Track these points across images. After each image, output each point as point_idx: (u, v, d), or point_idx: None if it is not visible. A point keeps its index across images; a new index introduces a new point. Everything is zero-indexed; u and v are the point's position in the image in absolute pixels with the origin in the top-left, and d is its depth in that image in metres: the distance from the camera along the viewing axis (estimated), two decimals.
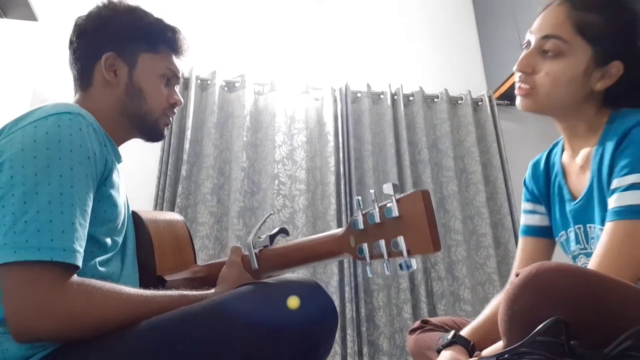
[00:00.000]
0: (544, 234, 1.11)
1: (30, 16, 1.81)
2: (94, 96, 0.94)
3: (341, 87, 2.49)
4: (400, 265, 0.71)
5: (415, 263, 0.71)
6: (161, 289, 0.80)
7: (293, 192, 2.26)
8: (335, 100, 2.47)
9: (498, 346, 0.94)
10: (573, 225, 0.98)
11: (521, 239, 1.15)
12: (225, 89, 2.42)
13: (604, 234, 0.83)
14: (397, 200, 0.72)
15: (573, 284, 0.65)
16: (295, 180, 2.28)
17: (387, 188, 0.72)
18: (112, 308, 0.71)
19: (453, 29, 2.89)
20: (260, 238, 0.93)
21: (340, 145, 2.37)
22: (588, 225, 0.95)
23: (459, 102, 2.63)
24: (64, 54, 1.03)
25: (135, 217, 0.99)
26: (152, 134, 0.99)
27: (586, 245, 0.97)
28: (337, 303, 2.06)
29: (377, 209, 0.75)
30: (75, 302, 0.68)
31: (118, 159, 0.91)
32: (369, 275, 0.79)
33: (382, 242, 0.73)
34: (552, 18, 0.94)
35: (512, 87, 2.51)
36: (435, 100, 2.61)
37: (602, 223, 0.87)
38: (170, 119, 1.01)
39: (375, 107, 2.53)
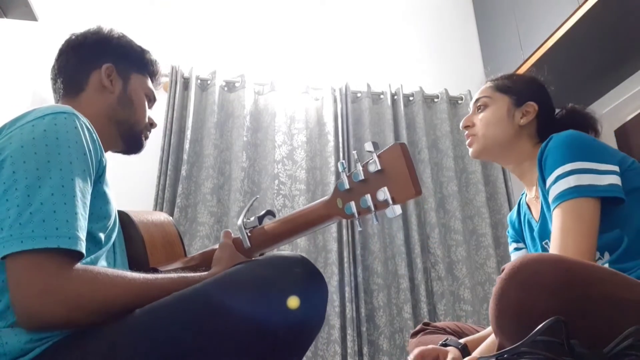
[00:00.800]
0: None
1: (30, 16, 1.81)
2: (84, 101, 0.99)
3: (341, 87, 2.49)
4: (387, 214, 0.75)
5: (399, 209, 0.75)
6: None
7: (293, 192, 2.26)
8: (335, 100, 2.47)
9: (489, 342, 0.96)
10: (540, 243, 1.13)
11: None
12: (225, 89, 2.42)
13: (553, 222, 0.96)
14: (378, 156, 0.77)
15: (557, 272, 0.67)
16: (295, 180, 2.28)
17: (368, 146, 0.78)
18: (116, 290, 0.73)
19: (453, 29, 2.89)
20: (249, 219, 0.97)
21: (340, 145, 2.37)
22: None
23: (459, 102, 2.63)
24: None
25: (123, 216, 1.01)
26: (134, 144, 1.07)
27: None
28: (337, 303, 2.06)
29: (360, 167, 0.80)
30: (82, 286, 0.70)
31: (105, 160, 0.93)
32: (359, 228, 0.84)
33: (368, 197, 0.78)
34: (480, 90, 1.25)
35: None
36: (435, 100, 2.61)
37: None
38: (148, 135, 1.10)
39: (375, 107, 2.53)
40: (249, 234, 0.94)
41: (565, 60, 2.17)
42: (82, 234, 0.72)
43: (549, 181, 0.99)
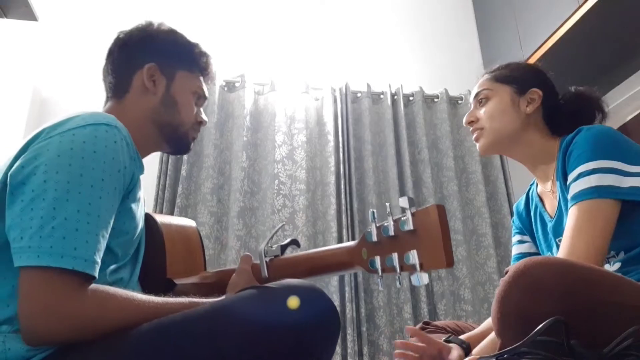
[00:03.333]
0: None
1: (30, 16, 1.81)
2: (129, 104, 0.97)
3: (341, 87, 2.49)
4: (412, 280, 0.71)
5: (427, 278, 0.70)
6: (171, 294, 0.80)
7: (293, 192, 2.26)
8: (335, 100, 2.46)
9: (488, 341, 0.95)
10: (554, 240, 1.09)
11: None
12: (225, 89, 2.42)
13: (567, 220, 0.94)
14: (413, 214, 0.71)
15: (562, 277, 0.66)
16: (295, 180, 2.28)
17: (403, 201, 0.72)
18: (125, 315, 0.72)
19: (453, 29, 2.89)
20: (272, 247, 0.93)
21: (340, 145, 2.37)
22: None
23: (459, 102, 2.63)
24: (64, 54, 1.05)
25: (149, 219, 1.00)
26: (180, 146, 1.03)
27: None
28: (337, 303, 2.06)
29: (391, 222, 0.74)
30: (90, 309, 0.69)
31: (142, 170, 0.92)
32: (380, 288, 0.81)
33: (395, 255, 0.73)
34: (479, 83, 1.22)
35: None
36: (435, 100, 2.61)
37: None
38: (197, 134, 1.06)
39: (375, 107, 2.53)
40: (268, 263, 0.91)
41: (566, 60, 2.17)
42: (99, 257, 0.72)
43: (571, 177, 0.96)
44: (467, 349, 1.05)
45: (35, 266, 0.66)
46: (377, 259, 0.76)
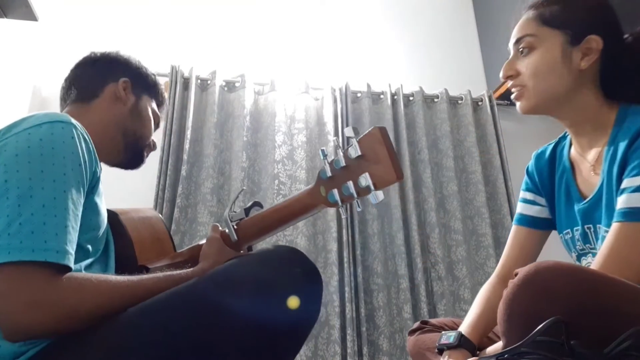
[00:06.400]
0: (540, 226, 1.10)
1: (30, 16, 1.81)
2: (96, 108, 1.02)
3: (341, 87, 2.49)
4: (371, 199, 0.75)
5: (382, 194, 0.74)
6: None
7: (293, 192, 2.26)
8: (335, 100, 2.47)
9: (498, 346, 0.94)
10: (581, 225, 0.97)
11: (514, 228, 1.13)
12: (225, 89, 2.42)
13: (609, 235, 0.82)
14: (358, 141, 0.76)
15: (572, 283, 0.65)
16: (295, 180, 2.28)
17: (348, 131, 0.77)
18: (103, 296, 0.73)
19: (453, 29, 2.89)
20: (235, 212, 0.97)
21: (341, 145, 2.37)
22: (597, 225, 0.93)
23: (459, 102, 2.63)
24: (64, 54, 1.05)
25: (110, 214, 1.01)
26: (136, 157, 1.09)
27: (595, 245, 0.96)
28: (336, 303, 2.06)
29: (341, 154, 0.79)
30: (69, 296, 0.70)
31: (101, 169, 0.93)
32: (343, 216, 0.84)
33: (350, 183, 0.77)
34: (520, 25, 0.99)
35: None
36: (435, 100, 2.61)
37: (609, 224, 0.85)
38: (147, 154, 1.13)
39: (375, 107, 2.53)
40: (235, 227, 0.94)
41: None
42: (71, 247, 0.72)
43: (628, 182, 0.82)
44: (473, 350, 1.02)
45: (8, 262, 0.66)
46: (335, 192, 0.80)
